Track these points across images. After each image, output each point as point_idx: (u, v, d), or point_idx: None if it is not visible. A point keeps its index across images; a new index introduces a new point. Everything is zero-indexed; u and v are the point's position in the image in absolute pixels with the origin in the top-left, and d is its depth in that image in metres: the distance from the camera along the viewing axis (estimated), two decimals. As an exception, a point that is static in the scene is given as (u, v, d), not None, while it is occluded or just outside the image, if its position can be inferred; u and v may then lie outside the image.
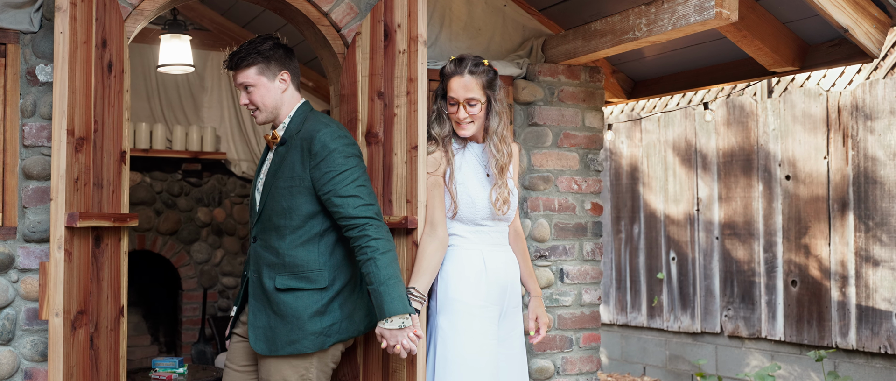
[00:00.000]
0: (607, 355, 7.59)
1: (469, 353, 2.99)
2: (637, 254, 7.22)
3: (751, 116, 6.29)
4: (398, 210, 3.09)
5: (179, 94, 6.15)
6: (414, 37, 3.04)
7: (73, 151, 2.74)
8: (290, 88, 2.96)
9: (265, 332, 2.85)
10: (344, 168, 2.80)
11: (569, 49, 3.76)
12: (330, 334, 2.85)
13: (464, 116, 3.05)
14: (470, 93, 3.03)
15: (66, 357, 2.71)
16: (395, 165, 3.12)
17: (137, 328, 6.46)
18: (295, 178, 2.84)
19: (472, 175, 3.11)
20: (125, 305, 3.14)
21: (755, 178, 6.25)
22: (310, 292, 2.84)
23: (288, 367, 2.84)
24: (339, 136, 2.85)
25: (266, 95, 2.91)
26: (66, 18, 2.70)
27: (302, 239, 2.85)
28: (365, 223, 2.78)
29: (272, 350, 2.84)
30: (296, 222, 2.85)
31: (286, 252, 2.85)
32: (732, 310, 6.43)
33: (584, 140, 3.95)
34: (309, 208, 2.85)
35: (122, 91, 3.09)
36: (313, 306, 2.83)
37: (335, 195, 2.79)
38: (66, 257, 2.70)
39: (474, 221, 3.08)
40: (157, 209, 6.14)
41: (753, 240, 6.26)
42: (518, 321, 3.19)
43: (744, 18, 3.31)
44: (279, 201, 2.87)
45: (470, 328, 3.01)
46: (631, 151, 7.26)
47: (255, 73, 2.89)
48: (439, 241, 3.00)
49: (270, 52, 2.90)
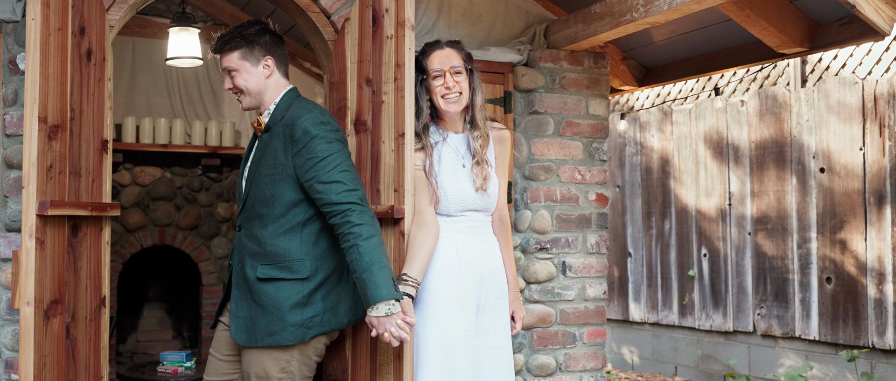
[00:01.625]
0: (639, 354, 7.40)
1: (442, 344, 2.90)
2: (668, 250, 7.02)
3: (784, 107, 6.05)
4: (386, 199, 3.01)
5: (199, 89, 6.17)
6: (401, 21, 2.95)
7: (45, 138, 2.71)
8: (276, 74, 2.92)
9: (246, 322, 2.81)
10: (326, 154, 2.74)
11: (570, 34, 3.63)
12: (311, 326, 2.78)
13: (452, 83, 2.97)
14: (453, 61, 2.99)
15: (38, 347, 2.67)
16: (382, 153, 3.03)
17: (161, 323, 6.49)
18: (278, 165, 2.79)
19: (448, 168, 3.03)
20: (107, 295, 3.11)
21: (788, 171, 6.01)
22: (291, 283, 2.78)
23: (269, 359, 2.79)
24: (322, 121, 2.78)
25: (249, 79, 2.89)
26: (38, 5, 2.67)
27: (284, 228, 2.80)
28: (347, 209, 2.70)
29: (252, 341, 2.80)
30: (278, 210, 2.80)
31: (268, 241, 2.80)
32: (765, 308, 6.20)
33: (588, 128, 3.81)
34: (292, 195, 2.79)
35: (103, 79, 3.06)
36: (294, 297, 2.77)
37: (317, 182, 2.73)
38: (37, 246, 2.67)
39: (449, 212, 3.00)
40: (177, 205, 6.16)
41: (787, 235, 6.02)
42: (501, 314, 3.07)
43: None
44: (262, 189, 2.83)
45: (442, 319, 2.92)
46: (661, 145, 7.05)
47: (238, 57, 2.87)
48: (428, 228, 2.92)
49: (255, 36, 2.87)
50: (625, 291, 7.46)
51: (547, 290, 3.70)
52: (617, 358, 7.63)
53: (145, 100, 6.06)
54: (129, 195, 6.04)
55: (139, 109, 6.03)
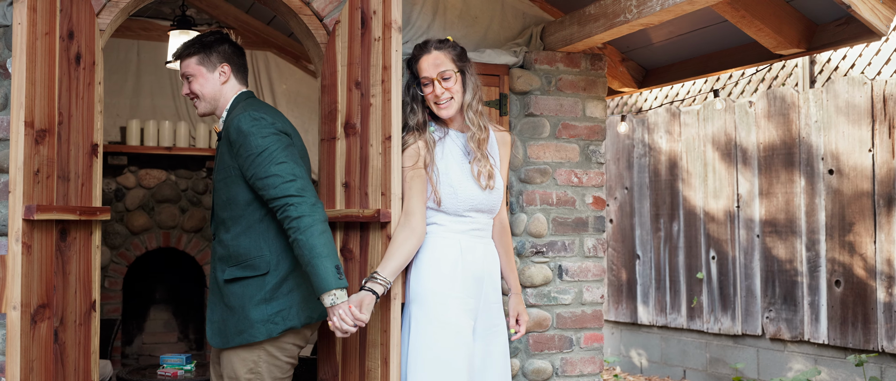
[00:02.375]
0: (647, 357, 7.34)
1: (442, 345, 2.87)
2: (676, 253, 6.96)
3: (792, 108, 5.97)
4: (374, 203, 2.98)
5: (204, 92, 6.17)
6: (388, 23, 2.92)
7: (32, 142, 2.71)
8: (232, 81, 2.99)
9: (219, 325, 2.86)
10: (261, 149, 2.75)
11: (565, 35, 3.59)
12: (277, 321, 2.79)
13: (441, 91, 2.95)
14: (441, 66, 2.94)
15: (25, 351, 2.67)
16: (371, 156, 3.01)
17: (167, 325, 6.51)
18: (227, 168, 2.85)
19: (454, 163, 2.99)
20: (97, 299, 3.11)
21: (797, 172, 5.94)
22: (254, 280, 2.81)
23: (237, 360, 2.83)
24: (255, 118, 2.79)
25: (205, 84, 2.96)
26: (24, 9, 2.67)
27: (243, 227, 2.83)
28: (285, 202, 2.70)
29: (225, 343, 2.84)
30: (236, 211, 2.84)
31: (231, 243, 2.84)
32: (774, 311, 6.12)
33: (585, 131, 3.77)
34: (245, 195, 2.83)
35: (93, 83, 3.06)
36: (258, 294, 2.80)
37: (257, 178, 2.75)
38: (24, 250, 2.67)
39: (457, 211, 2.97)
40: (181, 207, 6.17)
41: (795, 238, 5.95)
42: (499, 318, 3.05)
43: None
44: (220, 194, 2.89)
45: (443, 319, 2.89)
46: (670, 147, 6.99)
47: (195, 62, 2.95)
48: (411, 229, 2.87)
49: (213, 44, 2.96)
50: (633, 293, 7.40)
51: (543, 294, 3.67)
52: (625, 361, 7.57)
53: (150, 102, 6.08)
54: (134, 198, 6.05)
55: (144, 111, 6.05)
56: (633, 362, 7.50)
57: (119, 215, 6.05)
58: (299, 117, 6.16)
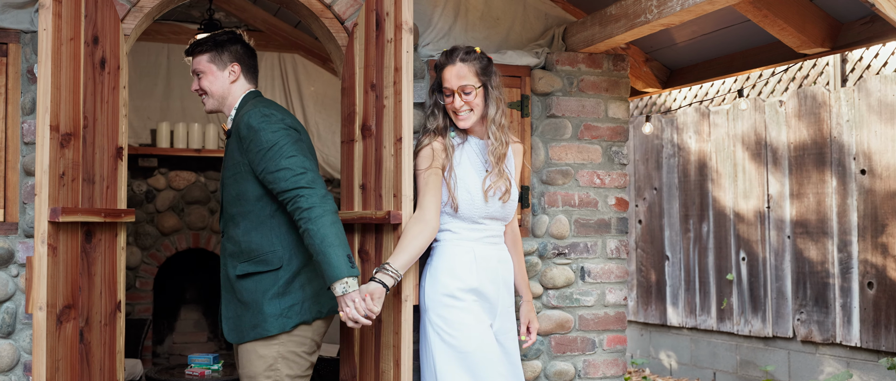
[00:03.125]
0: (676, 359, 7.27)
1: (469, 346, 2.89)
2: (706, 254, 6.89)
3: (823, 107, 5.89)
4: (386, 205, 2.99)
5: (233, 94, 6.24)
6: (399, 24, 2.93)
7: (57, 146, 2.76)
8: (241, 80, 3.03)
9: (234, 321, 2.90)
10: (271, 143, 2.78)
11: (587, 36, 3.58)
12: (290, 315, 2.83)
13: (460, 104, 2.99)
14: (463, 80, 2.97)
15: (51, 351, 2.72)
16: (384, 158, 3.02)
17: (197, 325, 6.58)
18: (236, 164, 2.88)
19: (473, 171, 3.02)
20: (122, 300, 3.16)
21: (828, 172, 5.85)
22: (267, 275, 2.84)
23: (255, 358, 2.86)
24: (265, 114, 2.83)
25: (214, 82, 3.01)
26: (50, 15, 2.72)
27: (254, 223, 2.86)
28: (295, 195, 2.73)
29: (240, 338, 2.88)
30: (246, 207, 2.87)
31: (241, 239, 2.87)
32: (805, 314, 6.04)
33: (607, 132, 3.75)
34: (255, 191, 2.86)
35: (117, 87, 3.11)
36: (271, 288, 2.83)
37: (267, 172, 2.78)
38: (50, 252, 2.72)
39: (472, 218, 2.98)
40: (211, 208, 6.24)
41: (827, 239, 5.86)
42: (511, 323, 3.08)
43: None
44: (229, 190, 2.93)
45: (464, 322, 2.92)
46: (699, 147, 6.93)
47: (206, 60, 3.00)
48: (425, 223, 2.89)
49: (225, 43, 3.01)
50: (662, 295, 7.34)
51: (565, 296, 3.66)
52: (654, 363, 7.51)
53: (180, 105, 6.16)
54: (164, 199, 6.14)
55: (174, 114, 6.13)
56: (662, 363, 7.43)
57: (150, 216, 6.14)
58: (327, 119, 6.20)
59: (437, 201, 2.94)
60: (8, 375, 3.07)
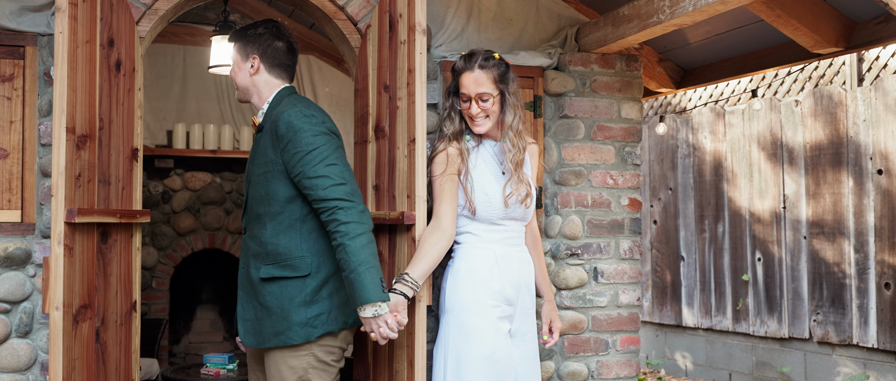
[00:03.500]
0: (692, 360, 7.25)
1: (483, 353, 2.91)
2: (721, 254, 6.86)
3: (840, 107, 5.85)
4: (400, 206, 3.00)
5: (248, 95, 6.28)
6: (412, 26, 2.94)
7: (73, 148, 2.79)
8: (264, 74, 2.92)
9: (253, 324, 2.81)
10: (312, 147, 2.69)
11: (600, 37, 3.57)
12: (316, 325, 2.74)
13: (476, 111, 2.99)
14: (481, 87, 2.97)
15: (68, 350, 2.75)
16: (397, 159, 3.03)
17: (213, 325, 6.63)
18: (268, 163, 2.77)
19: (489, 173, 3.03)
20: (138, 300, 3.19)
21: (845, 172, 5.81)
22: (294, 281, 2.75)
23: (285, 367, 2.78)
24: (307, 115, 2.74)
25: (237, 72, 2.97)
26: (65, 18, 2.75)
27: (283, 226, 2.76)
28: (334, 206, 2.66)
29: (260, 342, 2.80)
30: (275, 208, 2.77)
31: (268, 240, 2.77)
32: (822, 314, 6.00)
33: (621, 132, 3.75)
34: (286, 192, 2.76)
35: (132, 89, 3.14)
36: (298, 296, 2.74)
37: (304, 177, 2.69)
38: (66, 253, 2.75)
39: (491, 220, 3.00)
40: (226, 209, 6.28)
41: (843, 239, 5.82)
42: (531, 324, 3.10)
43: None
44: (257, 189, 2.82)
45: (481, 327, 2.93)
46: (714, 147, 6.90)
47: (234, 50, 2.96)
48: (442, 231, 2.90)
49: (251, 35, 2.93)
50: (678, 295, 7.32)
51: (578, 296, 3.66)
52: (670, 364, 7.49)
53: (196, 107, 6.20)
54: (180, 200, 6.18)
55: (190, 115, 6.17)
56: (677, 364, 7.41)
57: (166, 216, 6.18)
58: (341, 120, 6.22)
59: (453, 208, 2.94)
60: (25, 374, 3.11)
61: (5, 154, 3.13)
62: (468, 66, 3.00)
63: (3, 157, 3.13)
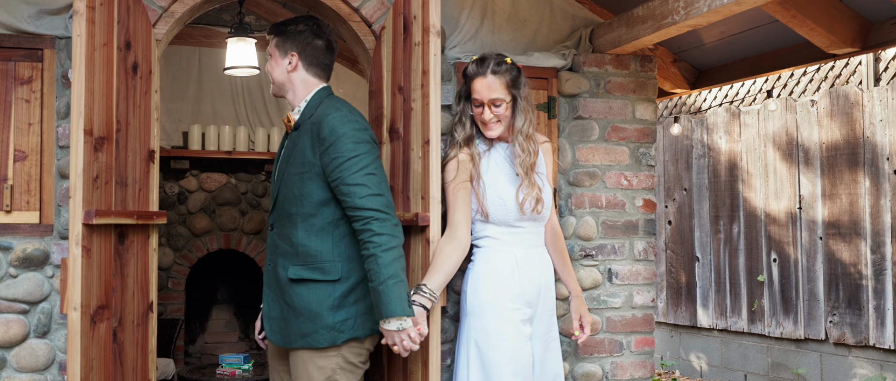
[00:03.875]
0: (707, 361, 7.22)
1: (505, 357, 2.93)
2: (737, 255, 6.83)
3: (856, 107, 5.82)
4: (414, 207, 3.01)
5: (263, 96, 6.31)
6: (426, 28, 2.94)
7: (91, 150, 2.81)
8: (302, 72, 2.91)
9: (279, 323, 2.82)
10: (353, 154, 2.70)
11: (614, 37, 3.57)
12: (343, 329, 2.75)
13: (489, 116, 3.00)
14: (494, 93, 2.97)
15: (85, 350, 2.78)
16: (411, 160, 3.04)
17: (228, 325, 6.66)
18: (305, 164, 2.77)
19: (502, 175, 3.03)
20: (154, 300, 3.21)
21: (861, 173, 5.78)
22: (323, 285, 2.75)
23: (313, 368, 2.79)
24: (350, 120, 2.74)
25: (274, 67, 2.94)
26: (83, 21, 2.77)
27: (315, 228, 2.77)
28: (370, 216, 2.67)
29: (286, 342, 2.81)
30: (308, 209, 2.77)
31: (299, 241, 2.77)
32: (838, 315, 5.97)
33: (635, 133, 3.74)
34: (321, 194, 2.76)
35: (149, 92, 3.17)
36: (326, 300, 2.74)
37: (342, 183, 2.69)
38: (84, 254, 2.77)
39: (507, 222, 3.00)
40: (241, 210, 6.31)
41: (860, 240, 5.79)
42: (553, 324, 3.11)
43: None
44: (291, 188, 2.80)
45: (503, 331, 2.95)
46: (729, 147, 6.88)
47: (274, 44, 2.94)
48: (458, 242, 2.92)
49: (292, 31, 2.91)
50: (693, 296, 7.29)
51: (592, 297, 3.66)
52: (684, 365, 7.46)
53: (211, 108, 6.23)
54: (196, 201, 6.22)
55: (205, 117, 6.20)
56: (692, 365, 7.39)
57: (181, 217, 6.22)
58: (355, 121, 6.24)
59: (467, 216, 2.96)
60: (44, 374, 3.14)
61: (24, 156, 3.17)
62: (480, 71, 3.00)
63: (22, 159, 3.17)
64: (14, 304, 3.12)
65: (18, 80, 3.19)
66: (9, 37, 3.16)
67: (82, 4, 2.77)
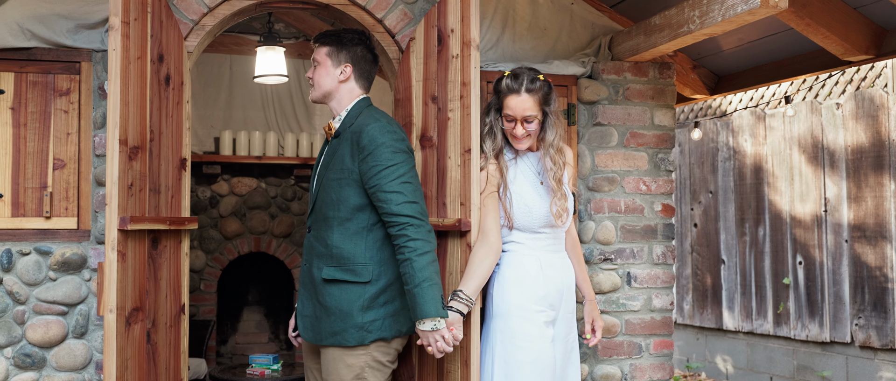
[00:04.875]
0: (733, 363, 7.24)
1: (529, 358, 3.01)
2: (762, 258, 6.84)
3: (881, 109, 5.82)
4: (452, 213, 3.11)
5: (292, 102, 6.45)
6: (467, 41, 3.04)
7: (126, 159, 2.94)
8: (351, 83, 3.03)
9: (312, 321, 2.95)
10: (391, 163, 2.82)
11: (632, 45, 3.64)
12: (371, 330, 2.87)
13: (521, 132, 3.06)
14: (527, 111, 3.04)
15: (121, 350, 2.91)
16: (449, 168, 3.14)
17: (259, 326, 6.80)
18: (344, 170, 2.90)
19: (528, 185, 3.12)
20: (186, 302, 3.34)
21: (887, 176, 5.78)
22: (354, 286, 2.87)
23: (343, 366, 2.90)
24: (389, 131, 2.87)
25: (324, 76, 3.03)
26: (118, 36, 2.90)
27: (350, 231, 2.89)
28: (406, 222, 2.79)
29: (317, 339, 2.93)
30: (344, 213, 2.90)
31: (334, 244, 2.90)
32: (863, 318, 5.97)
33: (653, 139, 3.81)
34: (357, 200, 2.88)
35: (181, 102, 3.29)
36: (357, 301, 2.87)
37: (380, 190, 2.82)
38: (119, 258, 2.90)
39: (532, 229, 3.09)
40: (271, 213, 6.45)
41: (885, 243, 5.79)
42: (572, 326, 3.20)
43: (806, 6, 3.08)
44: (329, 193, 2.93)
45: (527, 333, 3.03)
46: (755, 150, 6.89)
47: (324, 53, 3.03)
48: (489, 247, 3.01)
49: (346, 42, 3.02)
50: (718, 299, 7.31)
51: (611, 300, 3.73)
52: (710, 367, 7.48)
53: (242, 114, 6.38)
54: (227, 205, 6.37)
55: (236, 122, 6.35)
56: (718, 368, 7.40)
57: (213, 221, 6.37)
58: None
59: (497, 223, 3.06)
60: (81, 373, 3.28)
61: (62, 164, 3.31)
62: (514, 88, 3.04)
63: (61, 167, 3.31)
64: (53, 306, 3.26)
65: (57, 91, 3.33)
66: (48, 50, 3.31)
67: (118, 20, 2.90)
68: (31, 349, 3.25)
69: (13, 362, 3.24)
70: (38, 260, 3.26)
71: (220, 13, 3.46)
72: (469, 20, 3.03)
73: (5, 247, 3.24)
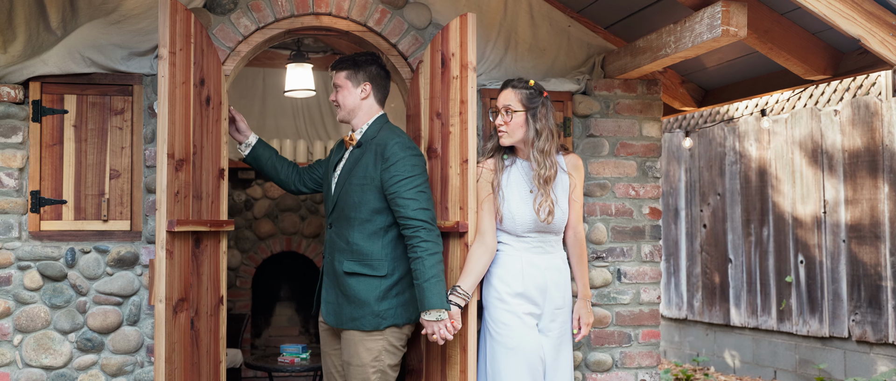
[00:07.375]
0: (740, 358, 7.58)
1: (509, 343, 3.39)
2: (766, 257, 7.18)
3: (876, 116, 6.14)
4: (453, 216, 3.53)
5: (321, 112, 6.92)
6: (465, 64, 3.46)
7: (173, 170, 3.42)
8: (371, 100, 3.51)
9: (334, 307, 3.43)
10: (409, 174, 3.31)
11: (621, 65, 4.05)
12: (385, 317, 3.35)
13: (500, 121, 3.43)
14: (507, 101, 3.41)
15: (169, 336, 3.38)
16: (450, 176, 3.56)
17: (290, 321, 7.28)
18: (367, 177, 3.37)
19: (516, 192, 3.45)
20: (224, 295, 3.81)
21: (881, 179, 6.10)
22: (371, 278, 3.35)
23: (363, 349, 3.37)
24: (409, 146, 3.37)
25: (347, 97, 3.51)
26: (166, 65, 3.37)
27: (368, 231, 3.37)
28: (419, 226, 3.26)
29: (338, 323, 3.41)
30: (364, 215, 3.37)
31: (354, 241, 3.38)
32: (860, 315, 6.30)
33: (642, 149, 4.21)
34: (376, 204, 3.36)
35: (219, 120, 3.77)
36: (374, 291, 3.34)
37: (399, 197, 3.29)
38: (167, 256, 3.37)
39: (516, 233, 3.44)
40: (301, 215, 6.93)
41: (880, 243, 6.11)
42: (564, 321, 3.51)
43: (768, 32, 3.47)
44: (351, 196, 3.40)
45: (506, 322, 3.40)
46: (759, 154, 7.23)
47: (343, 76, 3.50)
48: (486, 247, 3.41)
49: (362, 63, 3.49)
50: (726, 296, 7.66)
51: (603, 294, 4.14)
52: (719, 361, 7.83)
53: (274, 123, 6.86)
54: (261, 208, 6.86)
55: (268, 131, 6.83)
56: (726, 362, 7.75)
57: (248, 222, 6.87)
58: (404, 134, 6.79)
59: (493, 224, 3.44)
60: (134, 355, 3.77)
61: (118, 174, 3.80)
62: (505, 86, 3.47)
63: (116, 176, 3.80)
64: (110, 297, 3.75)
65: (113, 111, 3.81)
66: (105, 75, 3.80)
67: (166, 51, 3.38)
68: (92, 334, 3.74)
69: (76, 345, 3.73)
70: (97, 257, 3.75)
71: (253, 40, 3.93)
72: (467, 45, 3.45)
73: (69, 246, 3.73)
